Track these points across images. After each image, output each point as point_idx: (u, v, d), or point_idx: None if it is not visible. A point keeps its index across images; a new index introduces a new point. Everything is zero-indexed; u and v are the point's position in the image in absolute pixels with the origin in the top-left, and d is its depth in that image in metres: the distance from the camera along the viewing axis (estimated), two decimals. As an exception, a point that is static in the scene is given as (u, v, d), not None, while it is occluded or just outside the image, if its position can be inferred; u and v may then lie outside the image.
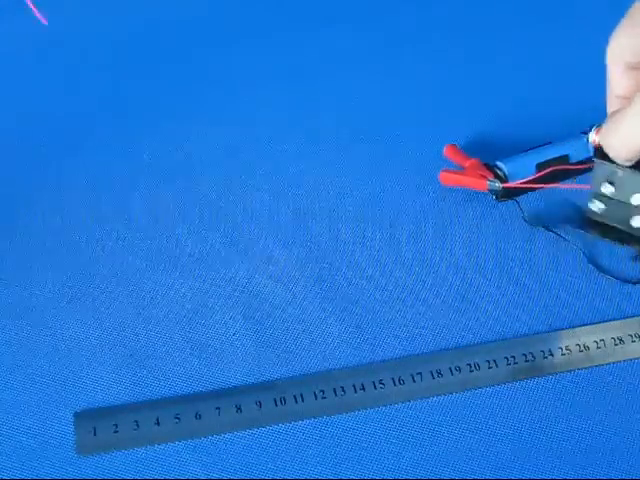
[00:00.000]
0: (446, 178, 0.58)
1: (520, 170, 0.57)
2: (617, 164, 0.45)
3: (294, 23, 0.74)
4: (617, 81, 0.45)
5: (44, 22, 0.45)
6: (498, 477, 0.44)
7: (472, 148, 0.61)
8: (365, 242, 0.56)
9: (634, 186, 0.45)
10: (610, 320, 0.52)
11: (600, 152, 0.47)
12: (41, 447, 0.44)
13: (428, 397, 0.47)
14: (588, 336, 0.51)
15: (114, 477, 0.43)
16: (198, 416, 0.46)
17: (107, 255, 0.54)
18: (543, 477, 0.44)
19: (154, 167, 0.61)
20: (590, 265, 0.53)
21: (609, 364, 0.49)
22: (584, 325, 0.51)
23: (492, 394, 0.48)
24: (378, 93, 0.67)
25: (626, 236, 0.47)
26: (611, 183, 0.45)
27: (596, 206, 0.46)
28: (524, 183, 0.53)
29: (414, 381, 0.48)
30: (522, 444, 0.46)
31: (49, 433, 0.45)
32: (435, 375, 0.48)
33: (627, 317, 0.52)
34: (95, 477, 0.43)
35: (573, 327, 0.51)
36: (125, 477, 0.43)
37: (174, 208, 0.58)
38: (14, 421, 0.45)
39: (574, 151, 0.58)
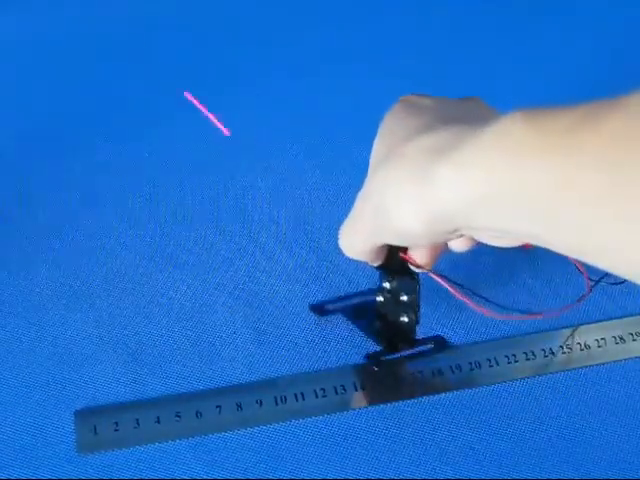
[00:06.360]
0: None
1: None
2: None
3: (295, 22, 0.75)
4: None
5: (226, 133, 0.44)
6: (498, 476, 0.44)
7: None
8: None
9: (402, 286, 0.47)
10: (611, 319, 0.52)
11: None
12: (42, 446, 0.44)
13: (429, 395, 0.47)
14: (589, 335, 0.51)
15: (114, 476, 0.43)
16: (199, 414, 0.46)
17: (107, 254, 0.54)
18: (543, 477, 0.44)
19: (154, 166, 0.61)
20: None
21: (610, 363, 0.49)
22: (585, 324, 0.51)
23: (492, 392, 0.48)
24: (379, 94, 0.67)
25: (388, 332, 0.49)
26: (389, 280, 0.47)
27: (378, 298, 0.48)
28: None
29: (414, 379, 0.48)
30: (522, 443, 0.46)
31: (50, 432, 0.45)
32: (435, 373, 0.48)
33: (628, 315, 0.52)
34: (96, 476, 0.43)
35: (574, 326, 0.51)
36: (125, 476, 0.43)
37: (174, 207, 0.58)
38: (15, 420, 0.45)
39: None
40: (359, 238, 0.43)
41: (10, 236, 0.55)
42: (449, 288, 0.44)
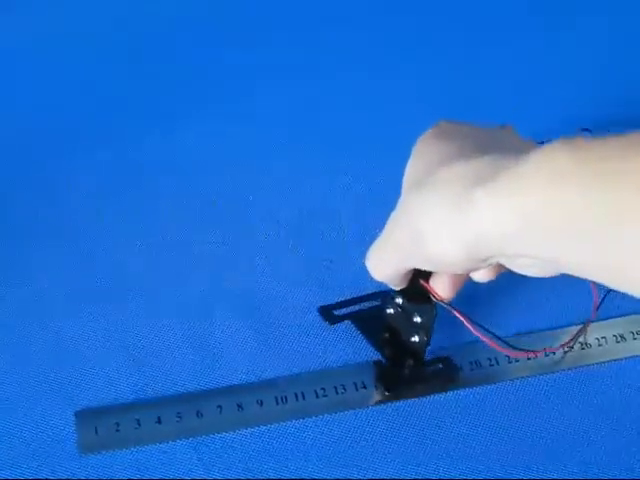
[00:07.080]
0: None
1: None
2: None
3: (296, 23, 0.75)
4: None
5: None
6: (498, 476, 0.44)
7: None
8: (368, 243, 0.55)
9: (414, 307, 0.46)
10: (612, 317, 0.52)
11: None
12: (43, 446, 0.44)
13: (429, 395, 0.47)
14: (590, 333, 0.51)
15: (115, 476, 0.43)
16: (199, 414, 0.46)
17: (108, 255, 0.54)
18: (543, 477, 0.44)
19: (155, 167, 0.61)
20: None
21: (610, 361, 0.49)
22: (585, 323, 0.51)
23: (492, 392, 0.48)
24: (379, 96, 0.68)
25: (393, 346, 0.48)
26: (404, 298, 0.47)
27: (389, 310, 0.48)
28: None
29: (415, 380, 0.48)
30: (522, 443, 0.46)
31: (51, 432, 0.45)
32: (436, 373, 0.48)
33: (628, 314, 0.52)
34: (96, 476, 0.43)
35: (575, 325, 0.51)
36: (126, 476, 0.43)
37: (175, 207, 0.58)
38: (16, 420, 0.45)
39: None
40: (389, 261, 0.43)
41: (11, 237, 0.55)
42: (467, 324, 0.44)
